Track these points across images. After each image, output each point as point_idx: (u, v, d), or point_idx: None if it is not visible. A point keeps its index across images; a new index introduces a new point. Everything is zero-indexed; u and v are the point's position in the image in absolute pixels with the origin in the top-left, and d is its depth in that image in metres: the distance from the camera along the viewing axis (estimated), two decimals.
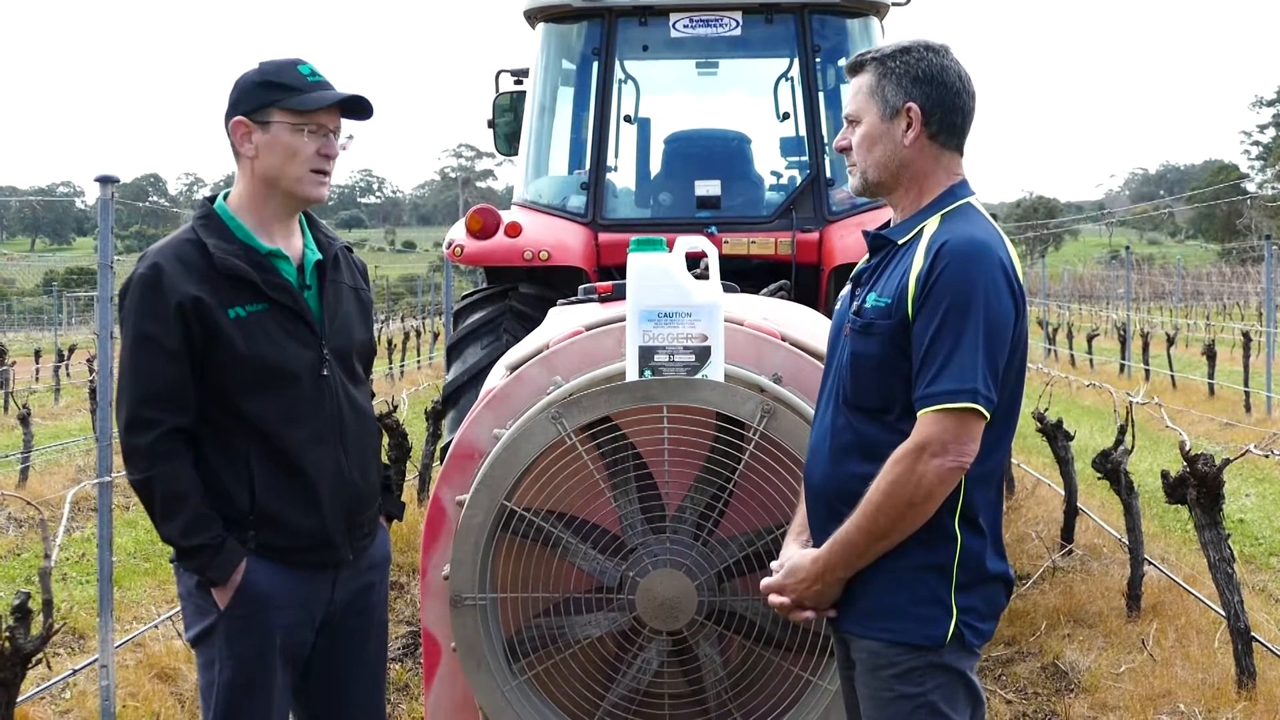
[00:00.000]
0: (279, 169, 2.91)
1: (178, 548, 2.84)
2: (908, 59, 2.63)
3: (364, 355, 3.16)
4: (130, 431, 2.82)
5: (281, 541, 2.90)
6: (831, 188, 6.27)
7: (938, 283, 2.49)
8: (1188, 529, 7.90)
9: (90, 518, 9.35)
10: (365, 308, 3.18)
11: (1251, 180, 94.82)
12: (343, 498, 2.97)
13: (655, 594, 3.10)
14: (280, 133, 2.89)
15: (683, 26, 6.30)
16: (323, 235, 3.10)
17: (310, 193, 2.96)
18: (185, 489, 2.81)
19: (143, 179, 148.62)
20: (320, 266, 3.02)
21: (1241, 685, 5.02)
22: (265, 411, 2.87)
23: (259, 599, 2.87)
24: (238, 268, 2.85)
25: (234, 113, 2.91)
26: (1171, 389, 18.48)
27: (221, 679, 2.89)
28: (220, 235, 2.89)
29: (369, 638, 3.17)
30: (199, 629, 2.92)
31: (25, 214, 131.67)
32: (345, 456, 2.98)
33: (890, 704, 2.58)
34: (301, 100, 2.90)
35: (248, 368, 2.84)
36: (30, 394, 15.20)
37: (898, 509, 2.48)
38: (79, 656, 6.03)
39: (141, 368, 2.81)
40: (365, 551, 3.10)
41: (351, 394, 3.03)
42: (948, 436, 2.44)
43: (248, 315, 2.85)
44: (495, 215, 5.94)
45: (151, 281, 2.81)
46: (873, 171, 2.68)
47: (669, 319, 3.12)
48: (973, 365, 2.44)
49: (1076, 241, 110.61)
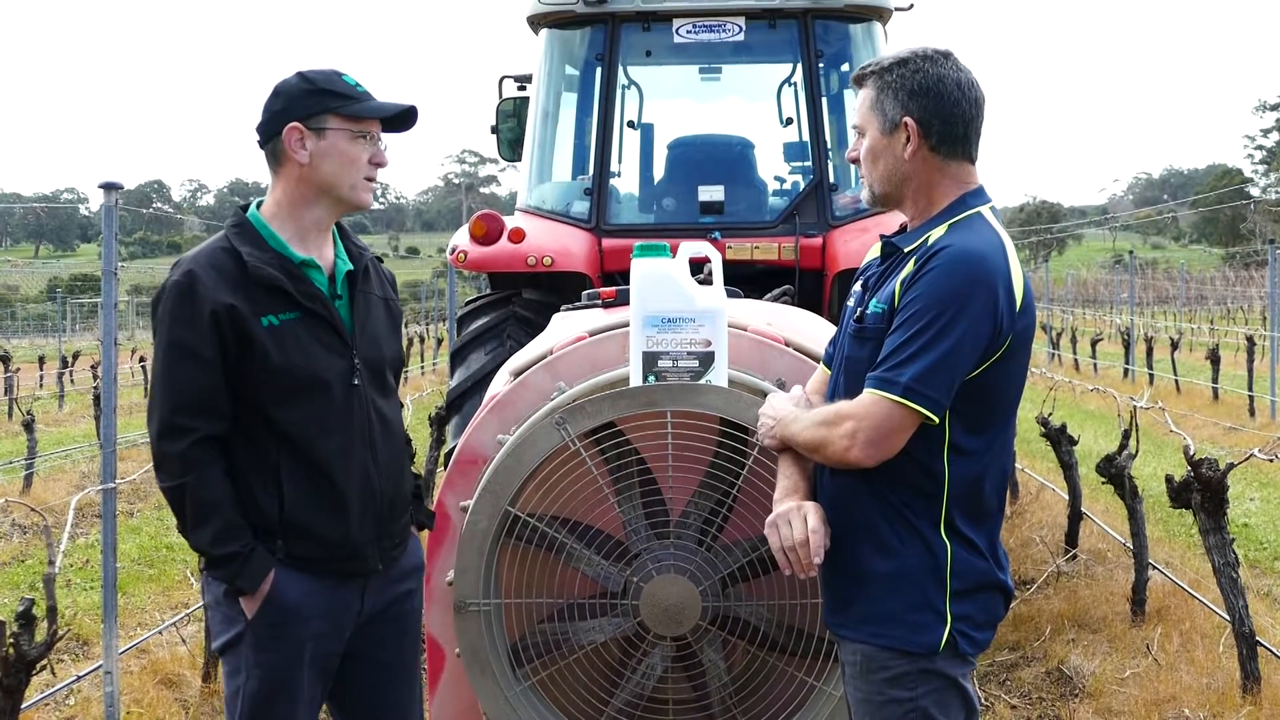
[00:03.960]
0: (335, 175, 2.91)
1: (208, 556, 2.83)
2: (904, 71, 2.62)
3: (394, 366, 3.16)
4: (163, 439, 2.81)
5: (310, 551, 2.89)
6: (835, 193, 6.28)
7: (917, 284, 2.50)
8: (1192, 533, 7.89)
9: (94, 524, 9.37)
10: (395, 319, 3.18)
11: (1255, 184, 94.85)
12: (372, 508, 2.96)
13: (659, 599, 3.09)
14: (337, 139, 2.89)
15: (686, 32, 6.31)
16: (354, 245, 3.10)
17: (363, 199, 2.97)
18: (217, 497, 2.80)
19: (146, 185, 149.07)
20: (351, 277, 3.02)
21: (1246, 690, 5.01)
22: (296, 420, 2.86)
23: (287, 609, 2.86)
24: (271, 276, 2.84)
25: (285, 119, 2.88)
26: (1175, 393, 18.46)
27: (247, 688, 2.88)
28: (254, 243, 2.89)
29: (403, 646, 3.15)
30: (226, 638, 2.91)
31: (29, 220, 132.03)
32: (375, 466, 2.97)
33: (881, 708, 2.58)
34: (361, 108, 2.92)
35: (280, 376, 2.83)
36: (34, 400, 15.23)
37: (809, 446, 2.61)
38: (83, 663, 6.03)
39: (175, 375, 2.80)
40: (396, 562, 3.08)
41: (380, 405, 3.02)
42: (872, 422, 2.47)
43: (281, 324, 2.84)
44: (499, 221, 5.95)
45: (186, 289, 2.80)
46: (879, 185, 2.70)
47: (673, 324, 3.12)
48: (927, 365, 2.44)
49: (1080, 246, 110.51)
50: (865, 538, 2.59)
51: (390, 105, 2.96)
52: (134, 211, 22.35)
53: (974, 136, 2.65)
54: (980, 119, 2.66)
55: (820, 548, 2.54)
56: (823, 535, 2.56)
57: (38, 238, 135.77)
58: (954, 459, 2.54)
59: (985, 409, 2.55)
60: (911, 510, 2.55)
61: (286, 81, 2.94)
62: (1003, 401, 2.59)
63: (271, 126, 2.91)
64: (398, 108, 2.97)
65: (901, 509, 2.55)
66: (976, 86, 2.64)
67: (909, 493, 2.55)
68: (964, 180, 2.66)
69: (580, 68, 6.70)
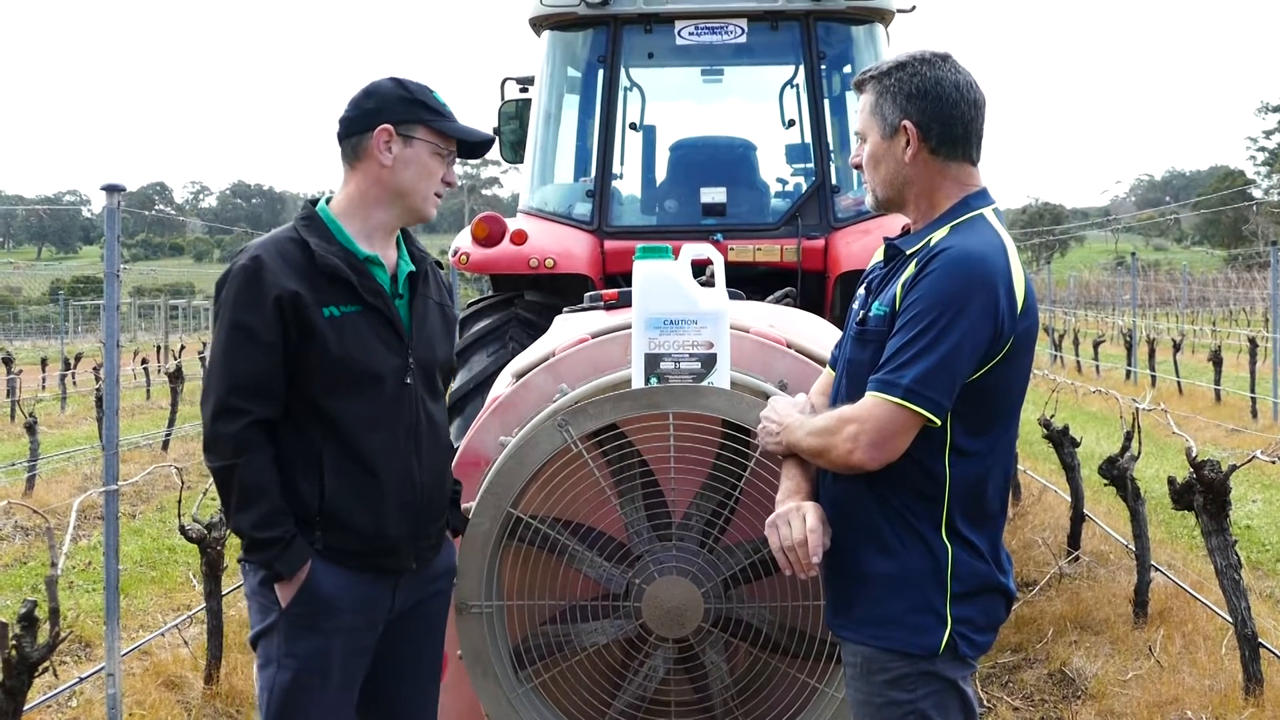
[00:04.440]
0: (413, 184, 2.97)
1: (249, 539, 2.84)
2: (902, 75, 2.63)
3: (445, 370, 3.19)
4: (217, 419, 2.83)
5: (347, 544, 2.90)
6: (837, 194, 6.28)
7: (918, 286, 2.51)
8: (1194, 535, 7.89)
9: (96, 526, 9.36)
10: (449, 324, 3.22)
11: (1257, 186, 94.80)
12: (411, 506, 2.97)
13: (661, 601, 3.10)
14: (422, 150, 2.96)
15: (688, 34, 6.31)
16: (416, 249, 3.14)
17: (430, 212, 3.05)
18: (265, 481, 2.82)
19: (149, 187, 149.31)
20: (413, 278, 3.06)
21: (1249, 691, 5.01)
22: (346, 412, 2.88)
23: (321, 600, 2.87)
24: (336, 267, 2.88)
25: (378, 119, 2.93)
26: (1178, 395, 18.46)
27: (279, 679, 2.89)
28: (322, 235, 2.93)
29: (427, 646, 3.16)
30: (260, 627, 2.93)
31: (32, 222, 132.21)
32: (418, 465, 2.98)
33: (881, 709, 2.58)
34: (451, 126, 2.99)
35: (337, 367, 2.86)
36: (36, 402, 15.23)
37: (813, 451, 2.61)
38: (85, 665, 6.04)
39: (235, 357, 2.82)
40: (429, 562, 3.09)
41: (430, 407, 3.04)
42: (874, 424, 2.48)
43: (341, 315, 2.87)
44: (501, 223, 5.95)
45: (252, 273, 2.83)
46: (881, 189, 2.71)
47: (675, 326, 3.12)
48: (928, 367, 2.44)
49: (1082, 248, 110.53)
50: (867, 540, 2.59)
51: (477, 131, 3.04)
52: (136, 214, 22.40)
53: (974, 138, 2.65)
54: (980, 120, 2.65)
55: (819, 547, 2.54)
56: (821, 534, 2.56)
57: (40, 240, 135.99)
58: (955, 461, 2.54)
59: (987, 411, 2.55)
60: (913, 512, 2.55)
61: (382, 84, 3.00)
62: (1005, 403, 2.59)
63: (362, 123, 2.96)
64: (482, 135, 3.04)
65: (903, 511, 2.55)
66: (975, 88, 2.64)
67: (910, 495, 2.55)
68: (966, 182, 2.66)
69: (582, 69, 6.71)
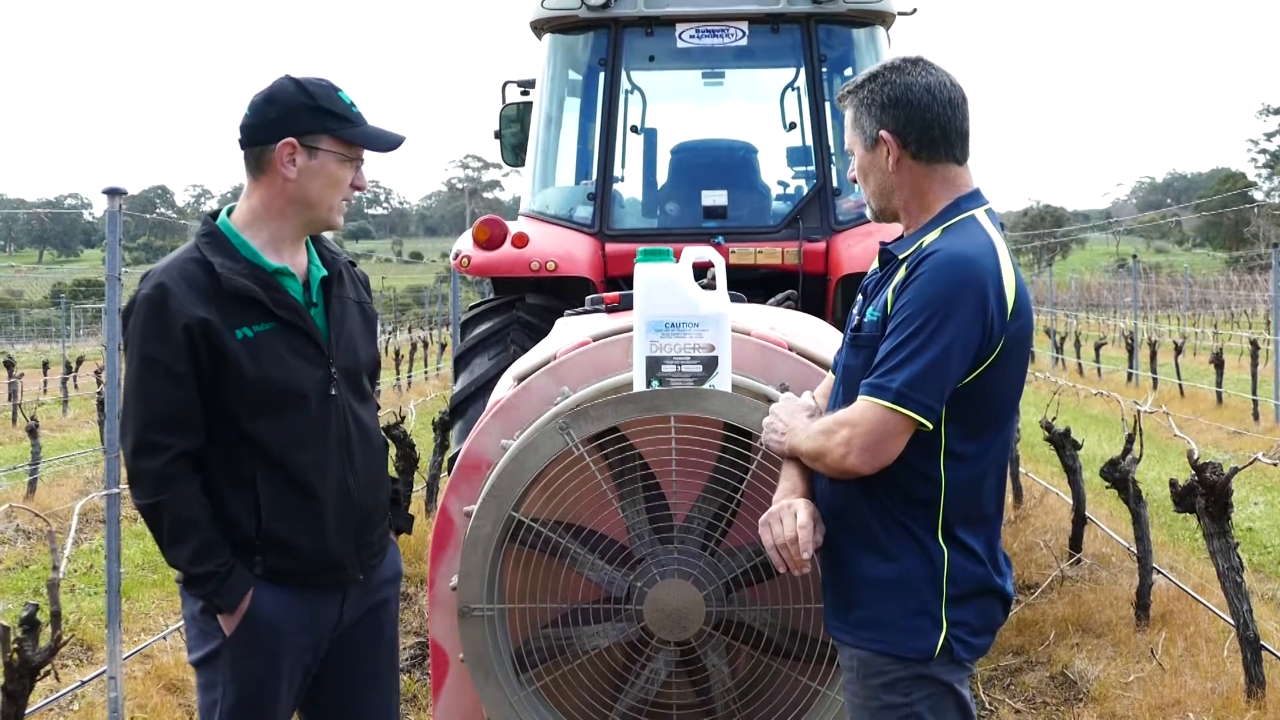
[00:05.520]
0: (318, 196, 2.87)
1: (186, 574, 2.79)
2: (874, 86, 2.64)
3: (371, 371, 3.13)
4: (138, 455, 2.75)
5: (289, 565, 2.85)
6: (838, 197, 6.28)
7: (907, 289, 2.51)
8: (1196, 538, 7.88)
9: (98, 529, 9.36)
10: (370, 322, 3.14)
11: (1259, 188, 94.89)
12: (351, 519, 2.93)
13: (663, 604, 3.09)
14: (328, 161, 2.85)
15: (689, 37, 6.31)
16: (326, 251, 3.05)
17: (337, 221, 2.95)
18: (194, 514, 2.75)
19: (150, 191, 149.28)
20: (326, 283, 2.98)
21: (1251, 694, 5.01)
22: (272, 433, 2.81)
23: (265, 625, 2.83)
24: (245, 287, 2.79)
25: (281, 131, 2.82)
26: (1179, 397, 18.45)
27: (225, 703, 2.85)
28: (226, 253, 2.82)
29: (379, 655, 3.13)
30: (203, 653, 2.87)
31: (33, 226, 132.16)
32: (353, 476, 2.93)
33: (876, 713, 2.58)
34: (358, 134, 2.88)
35: (255, 389, 2.78)
36: (38, 406, 15.21)
37: (811, 455, 2.61)
38: (87, 668, 6.04)
39: (148, 391, 2.74)
40: (375, 570, 3.06)
41: (358, 413, 2.99)
42: (866, 428, 2.48)
43: (255, 336, 2.79)
44: (502, 226, 5.95)
45: (158, 303, 2.74)
46: (874, 201, 2.73)
47: (676, 329, 3.12)
48: (917, 371, 2.44)
49: (1084, 250, 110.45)
50: (863, 543, 2.59)
51: (385, 135, 2.93)
52: (137, 217, 22.37)
53: (954, 137, 2.63)
54: (959, 118, 2.63)
55: (809, 543, 2.54)
56: (811, 530, 2.56)
57: (41, 243, 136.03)
58: (950, 465, 2.54)
59: (981, 413, 2.55)
60: (908, 516, 2.55)
61: (283, 89, 2.86)
62: (999, 406, 2.59)
63: (264, 133, 2.84)
64: (391, 139, 2.94)
65: (898, 515, 2.55)
66: (949, 87, 2.62)
67: (905, 499, 2.55)
68: (955, 183, 2.65)
69: (583, 73, 6.72)
